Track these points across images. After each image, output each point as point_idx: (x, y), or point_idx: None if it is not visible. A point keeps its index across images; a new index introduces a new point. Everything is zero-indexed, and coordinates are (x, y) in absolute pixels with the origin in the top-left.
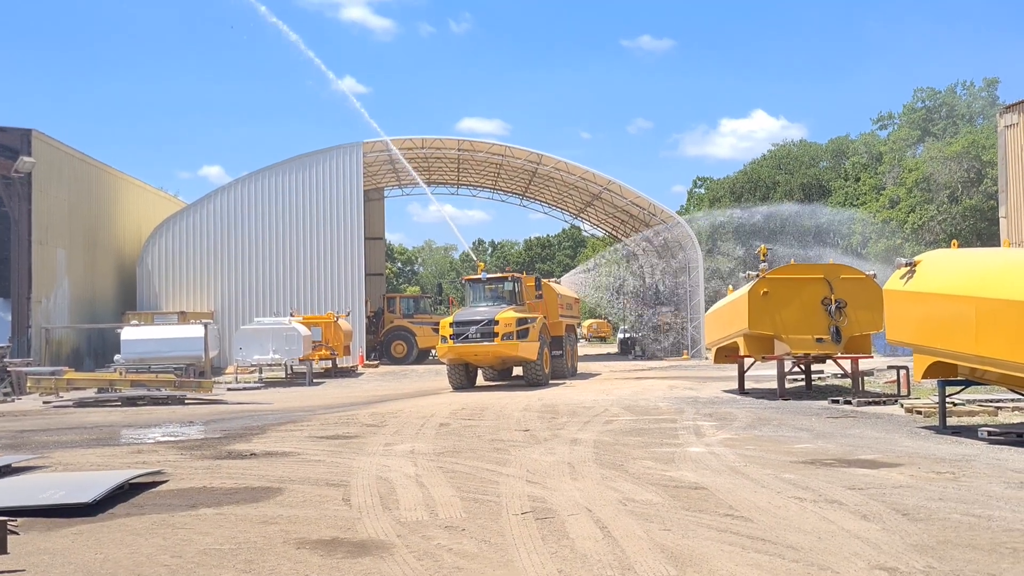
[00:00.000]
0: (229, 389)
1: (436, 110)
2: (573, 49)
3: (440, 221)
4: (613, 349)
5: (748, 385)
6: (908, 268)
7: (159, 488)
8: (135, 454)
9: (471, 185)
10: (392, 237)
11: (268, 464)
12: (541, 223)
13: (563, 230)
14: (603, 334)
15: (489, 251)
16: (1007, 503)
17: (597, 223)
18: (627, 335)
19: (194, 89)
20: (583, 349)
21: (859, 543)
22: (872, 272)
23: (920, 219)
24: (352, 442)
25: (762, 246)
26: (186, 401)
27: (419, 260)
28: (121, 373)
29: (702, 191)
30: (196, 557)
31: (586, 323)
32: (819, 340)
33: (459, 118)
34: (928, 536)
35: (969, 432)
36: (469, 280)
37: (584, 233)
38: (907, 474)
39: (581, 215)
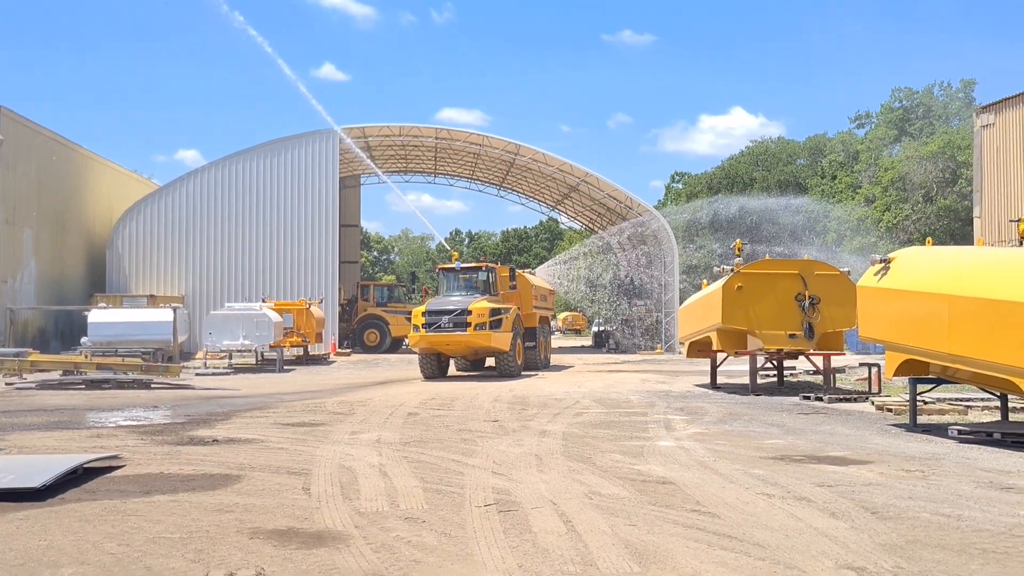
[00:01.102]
0: (197, 374)
1: (416, 99)
2: (554, 42)
3: (419, 210)
4: (588, 342)
5: (720, 380)
6: (882, 265)
7: (114, 473)
8: (94, 438)
9: (448, 175)
10: (369, 225)
11: (229, 451)
12: (519, 215)
13: (540, 222)
14: (578, 327)
15: (466, 242)
16: (976, 503)
17: (574, 215)
18: (601, 328)
19: (171, 72)
20: (558, 341)
21: (827, 541)
22: (846, 269)
23: (895, 218)
24: (317, 430)
25: (737, 240)
26: (152, 386)
27: (395, 249)
28: (87, 356)
29: (680, 186)
30: (144, 545)
31: (561, 315)
32: (792, 336)
33: (439, 108)
34: (897, 535)
35: (939, 431)
36: (443, 269)
37: (562, 226)
38: (877, 472)
39: (558, 207)
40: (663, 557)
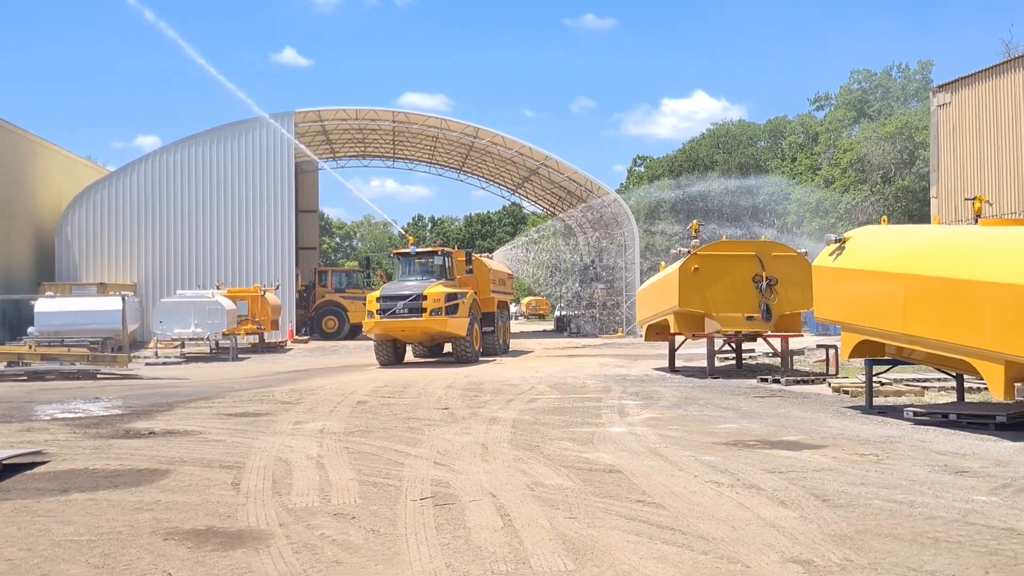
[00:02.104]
0: (147, 364)
1: (378, 84)
2: (517, 27)
3: (382, 195)
4: (551, 327)
5: (679, 363)
6: (837, 244)
7: (36, 470)
8: (23, 432)
9: (408, 159)
10: (332, 212)
11: (164, 444)
12: (483, 200)
13: (503, 207)
14: (542, 311)
15: (429, 227)
16: (930, 488)
17: (535, 199)
18: (563, 312)
19: (125, 57)
20: (521, 326)
21: (774, 533)
22: (803, 250)
23: (854, 199)
24: (261, 420)
25: (694, 222)
26: (98, 376)
27: (358, 235)
28: (31, 346)
29: (642, 169)
30: (48, 550)
31: (525, 300)
32: (749, 318)
33: (401, 92)
34: (847, 524)
35: (895, 412)
36: (398, 254)
37: (525, 210)
38: (830, 456)
39: (519, 190)
40: (601, 553)
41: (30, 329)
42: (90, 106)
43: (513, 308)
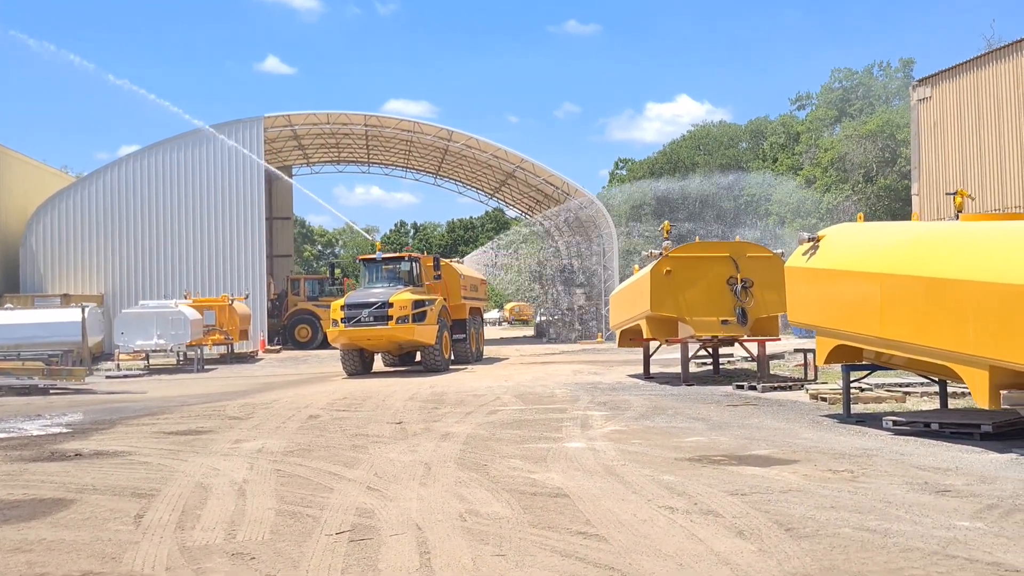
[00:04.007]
0: (108, 377)
1: (362, 92)
2: (500, 33)
3: (367, 203)
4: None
5: (655, 369)
6: (811, 244)
7: None
8: None
9: (383, 163)
10: (316, 219)
11: (85, 468)
12: (468, 206)
13: (486, 212)
14: (525, 317)
15: (411, 233)
16: (907, 511)
17: (513, 203)
18: (543, 318)
19: (106, 66)
20: (503, 332)
21: (727, 571)
22: (780, 251)
23: (835, 199)
24: (200, 439)
25: (665, 222)
26: (51, 392)
27: (340, 242)
28: None
29: (624, 172)
30: None
31: (508, 306)
32: (724, 322)
33: (385, 99)
34: (811, 560)
35: (874, 421)
36: (363, 259)
37: (508, 216)
38: (801, 473)
39: (496, 195)
40: None
41: None
42: (75, 116)
43: (496, 314)
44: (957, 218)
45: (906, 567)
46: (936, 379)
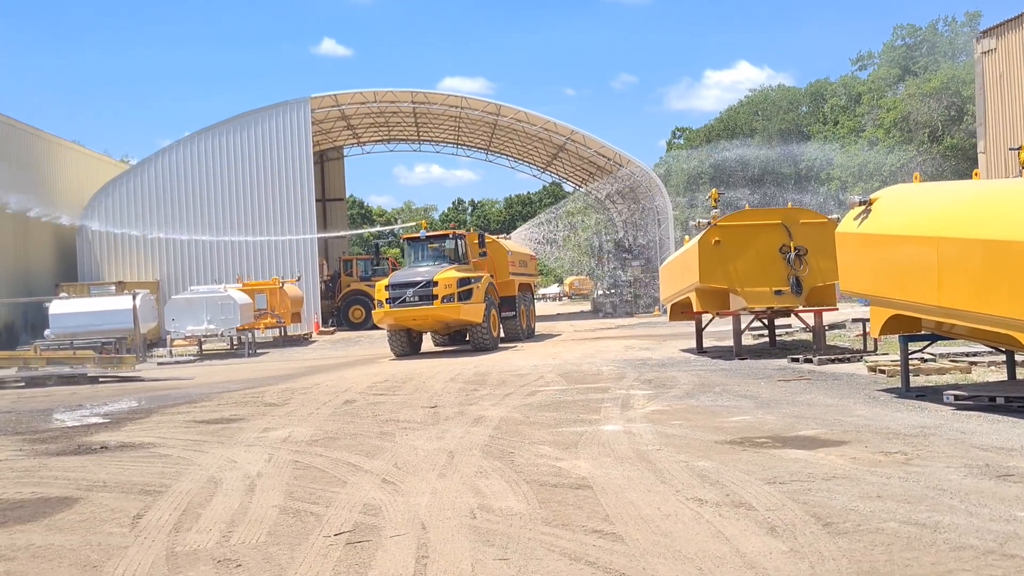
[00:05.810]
0: (159, 364)
1: (418, 71)
2: (554, 6)
3: (427, 181)
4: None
5: (709, 343)
6: (863, 207)
7: None
8: None
9: (433, 141)
10: (378, 200)
11: (103, 463)
12: (526, 182)
13: (544, 187)
14: (585, 291)
15: (469, 210)
16: (962, 501)
17: (566, 176)
18: (599, 292)
19: (160, 57)
20: (560, 308)
21: None
22: (835, 216)
23: (899, 161)
24: (229, 428)
25: (713, 190)
26: (100, 380)
27: (399, 221)
28: (36, 350)
29: (681, 141)
30: None
31: (568, 280)
32: (778, 292)
33: (441, 77)
34: (848, 561)
35: (936, 395)
36: (408, 239)
37: (565, 190)
38: (848, 456)
39: (549, 168)
40: None
41: (46, 332)
42: (133, 108)
43: (555, 289)
44: (1021, 174)
45: (956, 569)
46: (1003, 349)
